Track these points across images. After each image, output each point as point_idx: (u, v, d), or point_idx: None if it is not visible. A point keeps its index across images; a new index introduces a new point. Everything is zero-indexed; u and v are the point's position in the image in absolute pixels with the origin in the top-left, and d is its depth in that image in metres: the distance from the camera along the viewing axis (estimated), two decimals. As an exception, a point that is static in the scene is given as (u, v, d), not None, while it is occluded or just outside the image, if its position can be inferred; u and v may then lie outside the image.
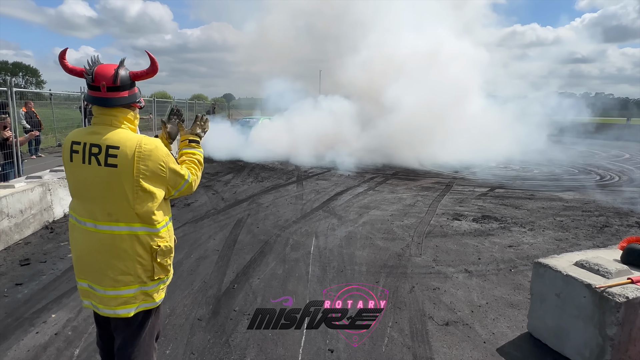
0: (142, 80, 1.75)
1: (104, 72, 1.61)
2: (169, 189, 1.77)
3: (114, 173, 1.60)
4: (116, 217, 1.64)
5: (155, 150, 1.66)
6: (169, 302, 3.20)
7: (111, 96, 1.63)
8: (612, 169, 11.33)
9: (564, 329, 2.57)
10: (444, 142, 12.67)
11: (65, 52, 1.73)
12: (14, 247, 4.40)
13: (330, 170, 9.93)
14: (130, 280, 1.69)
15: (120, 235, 1.66)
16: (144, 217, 1.67)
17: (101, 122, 1.68)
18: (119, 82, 1.63)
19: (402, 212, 6.07)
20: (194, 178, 1.86)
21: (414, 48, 14.79)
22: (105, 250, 1.66)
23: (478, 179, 9.19)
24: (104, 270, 1.67)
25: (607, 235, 5.20)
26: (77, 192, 1.70)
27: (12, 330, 2.81)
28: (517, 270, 4.00)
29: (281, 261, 4.09)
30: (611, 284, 2.35)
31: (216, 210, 6.01)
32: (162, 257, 1.74)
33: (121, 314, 1.71)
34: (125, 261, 1.67)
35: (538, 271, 2.76)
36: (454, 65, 14.01)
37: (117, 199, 1.63)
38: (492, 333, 2.89)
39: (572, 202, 6.99)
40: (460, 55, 14.91)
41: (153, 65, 1.70)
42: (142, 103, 1.80)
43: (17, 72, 62.49)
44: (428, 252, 4.42)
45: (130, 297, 1.71)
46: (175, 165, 1.76)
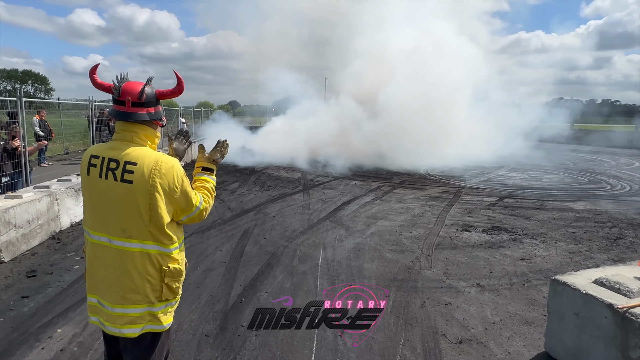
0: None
1: (130, 88, 1.64)
2: (177, 212, 1.72)
3: (129, 189, 1.58)
4: (130, 233, 1.62)
5: (172, 170, 1.64)
6: (175, 317, 3.13)
7: (135, 111, 1.65)
8: (623, 178, 11.16)
9: (584, 350, 2.48)
10: (439, 145, 13.05)
11: (96, 68, 1.77)
12: (21, 258, 4.38)
13: (337, 178, 9.88)
14: (139, 299, 1.65)
15: (132, 252, 1.63)
16: (156, 236, 1.64)
17: (122, 137, 1.68)
18: (144, 99, 1.65)
19: (411, 223, 5.99)
20: (205, 206, 1.81)
21: (406, 47, 15.16)
22: (116, 266, 1.64)
23: (486, 187, 9.09)
24: (113, 287, 1.65)
25: (621, 247, 5.08)
26: (92, 206, 1.68)
27: (18, 346, 2.77)
28: (530, 284, 3.90)
29: (289, 274, 4.03)
30: (634, 304, 2.26)
31: (223, 221, 5.97)
32: (171, 278, 1.70)
33: (126, 333, 1.67)
34: (134, 279, 1.63)
35: (556, 289, 2.68)
36: (447, 65, 14.33)
37: (131, 215, 1.60)
38: (508, 352, 2.80)
39: (584, 213, 6.86)
40: (454, 55, 15.17)
41: (179, 85, 1.73)
42: (164, 122, 1.80)
43: (26, 80, 63.45)
44: (438, 265, 4.34)
45: (137, 317, 1.67)
46: (190, 189, 1.73)
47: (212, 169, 1.95)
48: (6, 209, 4.31)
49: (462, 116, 15.13)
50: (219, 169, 9.04)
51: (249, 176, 10.11)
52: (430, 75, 13.62)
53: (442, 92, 13.38)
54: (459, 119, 14.68)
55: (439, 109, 13.33)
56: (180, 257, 1.76)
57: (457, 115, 14.67)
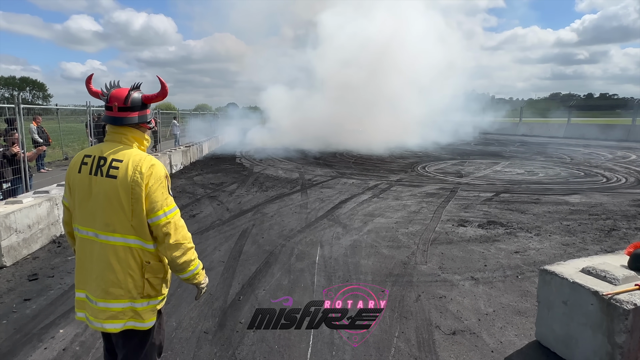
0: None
1: (117, 94, 1.74)
2: (147, 212, 1.69)
3: (113, 184, 1.66)
4: (113, 227, 1.68)
5: (152, 168, 1.71)
6: (175, 315, 3.22)
7: (122, 115, 1.74)
8: (619, 171, 11.23)
9: (572, 337, 2.55)
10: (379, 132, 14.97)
11: (91, 77, 1.88)
12: (22, 262, 4.45)
13: (335, 177, 9.95)
14: (121, 293, 1.70)
15: (115, 246, 1.69)
16: (138, 231, 1.70)
17: (112, 139, 1.78)
18: (130, 103, 1.74)
19: (407, 220, 6.06)
20: (181, 225, 1.75)
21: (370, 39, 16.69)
22: (101, 260, 1.70)
23: (483, 183, 9.16)
24: (98, 280, 1.71)
25: (614, 239, 5.15)
26: (81, 202, 1.73)
27: (21, 347, 2.83)
28: (524, 276, 3.97)
29: (286, 272, 4.10)
30: (618, 291, 2.33)
31: (221, 221, 6.03)
32: (151, 274, 1.75)
33: (108, 328, 1.72)
34: (117, 273, 1.69)
35: (544, 278, 2.75)
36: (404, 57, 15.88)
37: (114, 209, 1.67)
38: (500, 342, 2.86)
39: (579, 206, 6.93)
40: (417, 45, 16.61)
41: (163, 89, 1.82)
42: (153, 124, 1.89)
43: (24, 86, 63.54)
44: (434, 260, 4.41)
45: (119, 312, 1.72)
46: (162, 195, 1.71)
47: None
48: (7, 214, 4.37)
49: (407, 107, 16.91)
50: (218, 171, 9.04)
51: (248, 177, 10.17)
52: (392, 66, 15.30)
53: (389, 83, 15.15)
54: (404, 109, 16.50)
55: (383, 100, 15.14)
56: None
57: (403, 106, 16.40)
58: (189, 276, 1.84)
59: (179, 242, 1.73)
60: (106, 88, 1.77)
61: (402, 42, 17.22)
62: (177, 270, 1.80)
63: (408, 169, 11.57)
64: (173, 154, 11.52)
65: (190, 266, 1.80)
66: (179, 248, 1.73)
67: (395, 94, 17.10)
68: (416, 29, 18.02)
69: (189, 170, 11.79)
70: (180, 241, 1.74)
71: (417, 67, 17.11)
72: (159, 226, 1.70)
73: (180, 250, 1.74)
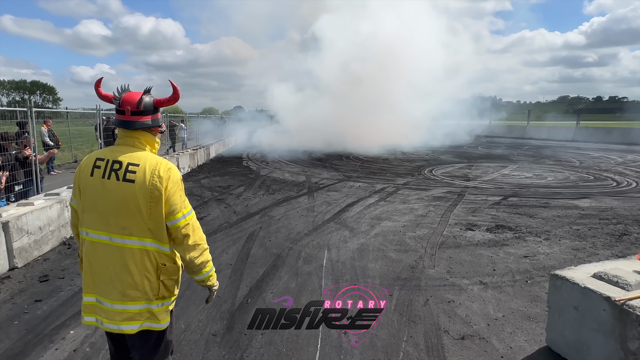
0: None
1: (129, 98, 1.75)
2: (166, 215, 1.73)
3: (130, 188, 1.67)
4: (130, 230, 1.70)
5: (169, 172, 1.74)
6: (183, 318, 3.24)
7: (134, 119, 1.76)
8: (630, 175, 11.09)
9: (584, 343, 2.52)
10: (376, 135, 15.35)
11: (100, 81, 1.89)
12: (33, 264, 4.51)
13: (341, 180, 9.95)
14: (138, 295, 1.72)
15: (132, 249, 1.71)
16: (155, 233, 1.72)
17: (124, 142, 1.79)
18: (142, 107, 1.76)
19: (414, 223, 6.04)
20: (198, 227, 1.80)
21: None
22: (116, 263, 1.71)
23: (490, 187, 9.10)
24: (113, 283, 1.71)
25: (626, 244, 5.08)
26: (93, 205, 1.74)
27: (32, 347, 2.87)
28: (533, 281, 3.93)
29: (294, 275, 4.10)
30: (631, 297, 2.30)
31: (229, 224, 6.06)
32: (166, 276, 1.77)
33: (125, 329, 1.73)
34: (134, 275, 1.71)
35: (555, 283, 2.72)
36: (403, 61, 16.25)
37: (131, 213, 1.68)
38: (510, 347, 2.84)
39: (589, 210, 6.85)
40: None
41: (175, 93, 1.84)
42: (163, 128, 1.91)
43: (34, 90, 64.54)
44: (442, 264, 4.38)
45: (136, 314, 1.73)
46: (179, 197, 1.75)
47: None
48: (19, 216, 4.44)
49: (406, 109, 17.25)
50: (225, 174, 9.15)
51: (254, 180, 10.21)
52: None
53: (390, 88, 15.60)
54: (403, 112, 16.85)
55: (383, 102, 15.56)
56: (177, 255, 1.84)
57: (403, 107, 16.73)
58: (204, 277, 1.86)
59: (197, 243, 1.79)
60: (117, 92, 1.78)
61: (407, 45, 17.41)
62: (194, 271, 1.83)
63: (415, 172, 11.53)
64: (180, 157, 11.62)
65: (207, 267, 1.85)
66: (197, 249, 1.79)
67: (400, 97, 17.26)
68: (424, 31, 18.20)
69: (196, 173, 11.87)
70: (198, 242, 1.79)
71: (424, 70, 17.28)
72: (178, 228, 1.74)
73: (198, 250, 1.79)
